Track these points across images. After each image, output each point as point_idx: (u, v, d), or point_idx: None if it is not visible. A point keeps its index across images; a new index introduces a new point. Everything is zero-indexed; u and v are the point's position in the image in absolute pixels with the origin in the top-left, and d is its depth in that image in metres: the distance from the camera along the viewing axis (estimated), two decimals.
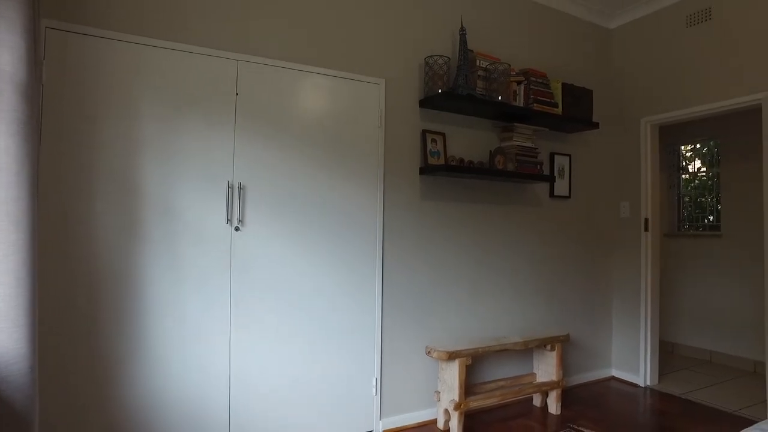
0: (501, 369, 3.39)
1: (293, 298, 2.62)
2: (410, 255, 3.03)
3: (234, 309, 2.46)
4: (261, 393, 2.53)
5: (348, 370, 2.79)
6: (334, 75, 2.77)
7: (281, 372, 2.59)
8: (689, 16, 3.64)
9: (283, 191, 2.60)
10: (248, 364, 2.50)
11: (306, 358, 2.66)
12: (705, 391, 3.78)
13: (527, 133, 3.29)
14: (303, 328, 2.65)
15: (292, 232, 2.62)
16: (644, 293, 3.87)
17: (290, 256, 2.62)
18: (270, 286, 2.56)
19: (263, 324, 2.54)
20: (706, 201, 5.22)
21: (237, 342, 2.46)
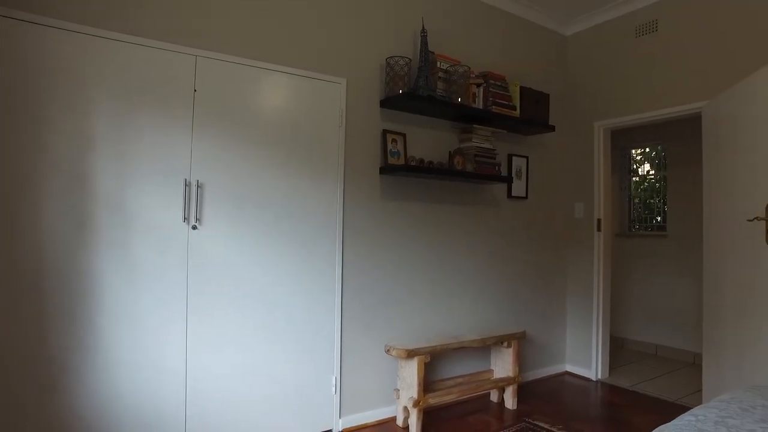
0: (460, 366, 3.45)
1: (252, 297, 2.59)
2: (370, 254, 3.04)
3: (191, 309, 2.41)
4: (218, 393, 2.49)
5: (307, 368, 2.78)
6: (296, 73, 2.75)
7: (239, 372, 2.56)
8: (638, 27, 3.81)
9: (242, 190, 2.57)
10: (205, 365, 2.46)
11: (265, 357, 2.63)
12: (650, 382, 3.97)
13: (486, 134, 3.36)
14: (262, 328, 2.63)
15: (251, 231, 2.59)
16: (596, 291, 4.02)
17: (249, 255, 2.59)
18: (228, 285, 2.52)
19: (221, 324, 2.50)
20: (654, 203, 5.47)
21: (194, 342, 2.42)
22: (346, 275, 2.93)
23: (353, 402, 2.96)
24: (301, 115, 2.77)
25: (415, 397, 2.83)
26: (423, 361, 2.86)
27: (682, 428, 1.54)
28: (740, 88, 2.90)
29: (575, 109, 4.26)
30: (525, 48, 3.97)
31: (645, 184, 5.59)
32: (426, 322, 3.30)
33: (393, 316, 3.14)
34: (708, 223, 3.30)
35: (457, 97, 3.13)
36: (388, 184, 3.12)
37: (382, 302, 3.10)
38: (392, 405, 3.11)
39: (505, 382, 3.29)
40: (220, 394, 2.50)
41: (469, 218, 3.54)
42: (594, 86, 4.12)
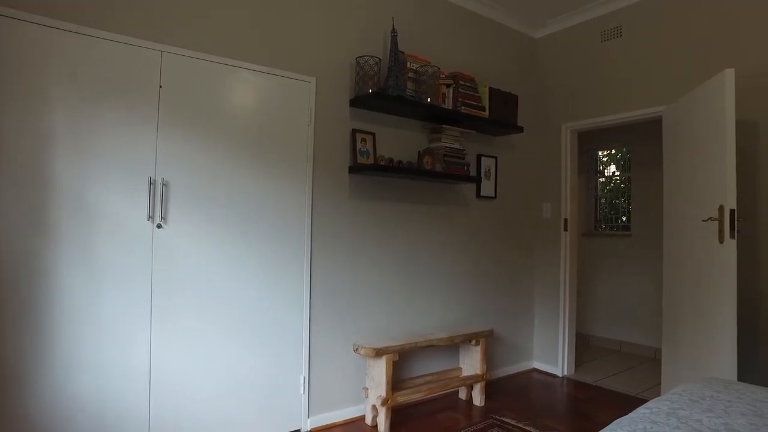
0: (428, 364, 3.48)
1: (219, 296, 2.57)
2: (339, 253, 3.05)
3: (156, 309, 2.37)
4: (184, 395, 2.46)
5: (275, 368, 2.77)
6: (264, 71, 2.73)
7: (205, 373, 2.53)
8: (603, 32, 3.91)
9: (209, 188, 2.54)
10: (171, 366, 2.42)
11: (232, 357, 2.61)
12: (613, 377, 4.08)
13: (455, 134, 3.40)
14: (229, 328, 2.60)
15: (218, 230, 2.56)
16: (563, 290, 4.11)
17: (216, 254, 2.56)
18: (194, 284, 2.49)
19: (187, 324, 2.47)
20: (620, 203, 5.62)
21: (159, 343, 2.38)
22: (314, 275, 2.93)
23: (322, 401, 2.96)
24: (269, 114, 2.76)
25: (384, 396, 2.85)
26: (391, 359, 2.88)
27: (637, 421, 1.59)
28: (696, 93, 3.01)
29: (543, 110, 4.34)
30: (495, 50, 4.03)
31: (611, 185, 5.73)
32: (395, 321, 3.32)
33: (362, 316, 3.15)
34: (667, 223, 3.41)
35: (426, 98, 3.15)
36: (357, 183, 3.13)
37: (351, 301, 3.10)
38: (361, 404, 3.12)
39: (473, 379, 3.33)
40: (186, 396, 2.46)
41: (438, 218, 3.58)
42: (562, 88, 4.20)
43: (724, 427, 1.51)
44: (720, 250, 2.71)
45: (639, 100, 3.66)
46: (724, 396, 1.81)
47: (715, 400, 1.76)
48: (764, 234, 3.00)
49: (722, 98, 2.70)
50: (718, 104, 2.75)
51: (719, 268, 2.72)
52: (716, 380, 2.04)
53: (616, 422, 1.60)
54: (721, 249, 2.69)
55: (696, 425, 1.54)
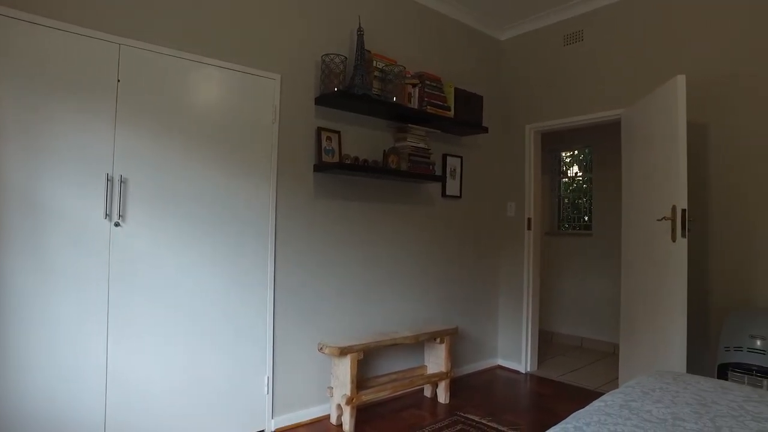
0: (393, 363, 3.49)
1: (180, 297, 2.51)
2: (304, 252, 3.03)
3: (113, 308, 2.30)
4: (143, 397, 2.40)
5: (239, 369, 2.73)
6: (228, 67, 2.69)
7: (166, 375, 2.47)
8: (566, 36, 4.00)
9: (170, 186, 2.48)
10: (129, 367, 2.36)
11: (193, 359, 2.56)
12: (575, 373, 4.19)
13: (421, 134, 3.43)
14: (190, 328, 2.55)
15: (179, 229, 2.51)
16: (526, 287, 4.19)
17: (178, 253, 2.51)
18: (154, 284, 2.43)
19: (146, 325, 2.41)
20: (582, 203, 5.77)
21: (116, 343, 2.31)
22: (278, 274, 2.90)
23: (286, 401, 2.94)
24: (233, 111, 2.72)
25: (348, 395, 2.85)
26: (356, 358, 2.88)
27: (592, 413, 1.64)
28: (651, 97, 3.12)
29: (508, 111, 4.41)
30: (461, 50, 4.08)
31: (573, 185, 5.88)
32: (360, 320, 3.32)
33: (327, 315, 3.14)
34: (625, 222, 3.52)
35: (392, 97, 3.17)
36: (322, 182, 3.11)
37: (316, 301, 3.09)
38: (326, 403, 3.11)
39: (437, 377, 3.36)
40: (145, 398, 2.40)
41: (403, 217, 3.60)
42: (526, 90, 4.29)
43: (670, 417, 1.58)
44: (673, 249, 2.81)
45: (600, 102, 3.77)
46: (673, 387, 1.88)
47: (665, 391, 1.83)
48: (714, 233, 3.14)
49: (674, 103, 2.80)
50: (670, 108, 2.86)
51: (672, 265, 2.82)
52: (667, 373, 2.12)
53: (572, 416, 1.65)
54: (674, 247, 2.80)
55: (646, 416, 1.59)
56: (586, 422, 1.55)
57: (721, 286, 3.09)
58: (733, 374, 2.60)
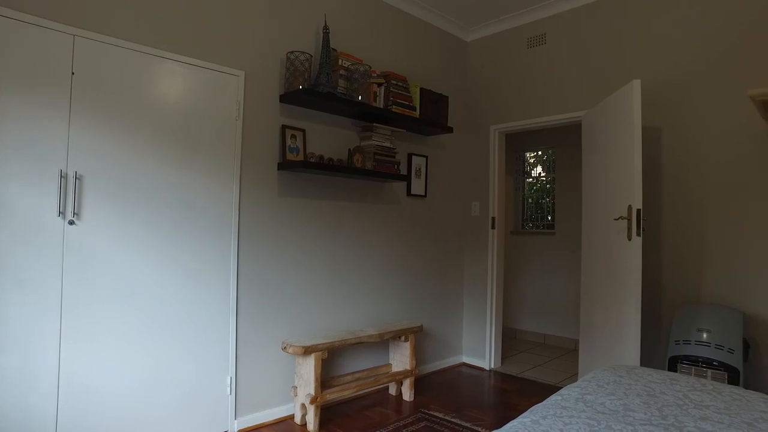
0: (359, 361, 3.50)
1: (139, 297, 2.45)
2: (268, 251, 3.00)
3: (67, 311, 2.23)
4: (99, 403, 2.33)
5: (200, 370, 2.69)
6: (190, 63, 2.64)
7: (124, 378, 2.40)
8: (529, 39, 4.09)
9: (128, 183, 2.42)
10: (83, 372, 2.28)
11: (153, 361, 2.50)
12: (537, 369, 4.29)
13: (386, 133, 3.44)
14: (149, 329, 2.49)
15: (139, 227, 2.45)
16: (490, 285, 4.26)
17: (137, 251, 2.44)
18: (111, 284, 2.36)
19: (103, 326, 2.34)
20: (546, 202, 5.90)
21: (70, 346, 2.24)
22: (242, 273, 2.87)
23: (250, 401, 2.91)
24: (195, 107, 2.67)
25: (313, 394, 2.84)
26: (320, 357, 2.87)
27: (549, 407, 1.69)
28: (609, 100, 3.22)
29: (473, 112, 4.47)
30: (427, 50, 4.11)
31: (537, 185, 6.00)
32: (325, 319, 3.31)
33: (291, 314, 3.12)
34: (585, 221, 3.62)
35: (357, 96, 3.17)
36: (286, 180, 3.09)
37: (280, 300, 3.06)
38: (290, 403, 3.09)
39: (402, 375, 3.38)
40: (100, 403, 2.33)
41: (369, 216, 3.60)
42: (490, 91, 4.36)
43: (622, 408, 1.63)
44: (628, 247, 2.91)
45: (562, 104, 3.86)
46: (626, 380, 1.95)
47: (618, 384, 1.90)
48: (667, 232, 3.26)
49: (630, 106, 2.90)
50: (626, 111, 2.96)
51: (627, 263, 2.92)
52: (621, 367, 2.19)
53: (530, 410, 1.69)
54: (629, 245, 2.90)
55: (600, 408, 1.65)
56: (543, 415, 1.59)
57: (673, 283, 3.22)
58: (682, 366, 2.71)
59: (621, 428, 1.46)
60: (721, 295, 3.02)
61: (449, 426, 2.97)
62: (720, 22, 3.08)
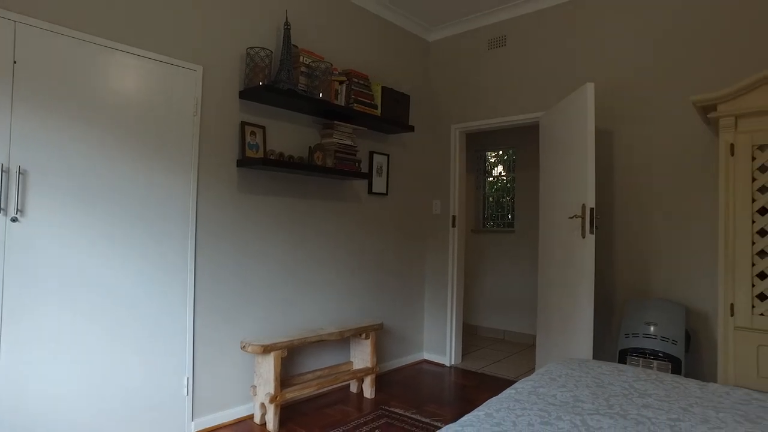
0: (319, 359, 3.49)
1: (90, 297, 2.37)
2: (228, 249, 2.95)
3: (7, 314, 2.13)
4: (44, 410, 2.23)
5: (156, 371, 2.62)
6: (145, 56, 2.57)
7: (72, 383, 2.31)
8: (490, 41, 4.16)
9: (78, 179, 2.33)
10: (26, 378, 2.18)
11: (105, 363, 2.42)
12: (496, 364, 4.38)
13: (347, 131, 3.44)
14: (101, 331, 2.41)
15: (89, 225, 2.37)
16: (451, 283, 4.32)
17: (87, 250, 2.36)
18: (58, 283, 2.27)
19: (49, 329, 2.24)
20: (506, 201, 6.02)
21: (10, 352, 2.14)
22: (200, 271, 2.81)
23: (208, 402, 2.85)
24: (151, 101, 2.59)
25: (272, 393, 2.81)
26: (280, 356, 2.85)
27: (503, 400, 1.73)
28: (565, 102, 3.31)
29: (434, 111, 4.52)
30: (389, 49, 4.13)
31: (498, 185, 6.12)
32: (286, 318, 3.28)
33: (251, 312, 3.08)
34: (542, 219, 3.71)
35: (318, 93, 3.15)
36: (246, 177, 3.05)
37: (240, 298, 3.02)
38: (250, 402, 3.06)
39: (363, 372, 3.39)
40: (46, 410, 2.24)
41: (330, 213, 3.59)
42: (452, 91, 4.41)
43: (572, 399, 1.69)
44: (582, 244, 3.01)
45: (521, 105, 3.95)
46: (577, 373, 2.02)
47: (569, 377, 1.96)
48: (618, 230, 3.39)
49: (584, 108, 3.00)
50: (580, 113, 3.05)
51: (581, 260, 3.02)
52: (573, 360, 2.27)
53: (485, 403, 1.72)
54: (583, 243, 2.99)
55: (551, 399, 1.70)
56: (497, 409, 1.63)
57: (624, 278, 3.35)
58: (631, 358, 2.82)
59: (570, 418, 1.51)
60: (666, 289, 3.16)
61: (409, 422, 3.00)
62: (666, 32, 3.21)
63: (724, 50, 2.99)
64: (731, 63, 2.96)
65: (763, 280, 2.35)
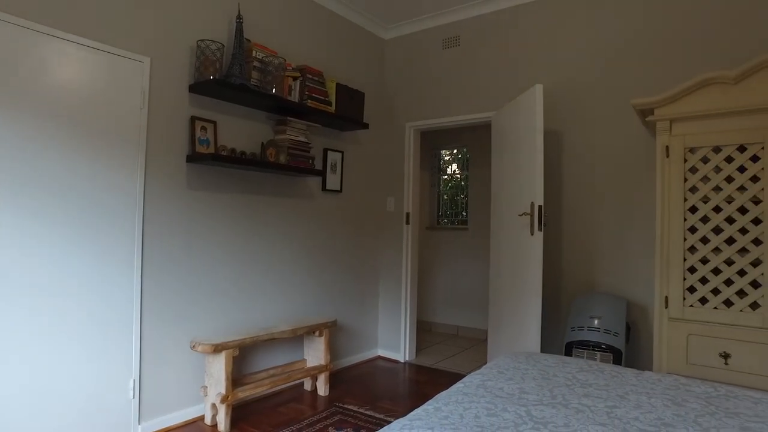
0: (272, 358, 3.45)
1: (29, 298, 2.25)
2: (177, 246, 2.87)
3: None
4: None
5: (100, 374, 2.52)
6: (87, 45, 2.45)
7: (9, 388, 2.19)
8: (445, 40, 4.22)
9: (14, 173, 2.20)
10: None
11: (43, 368, 2.31)
12: (450, 359, 4.46)
13: (301, 127, 3.41)
14: (41, 333, 2.29)
15: (28, 222, 2.24)
16: (405, 279, 4.37)
17: (26, 249, 2.23)
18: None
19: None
20: (460, 199, 6.13)
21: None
22: (147, 270, 2.72)
23: (156, 404, 2.77)
24: (93, 93, 2.49)
25: (224, 393, 2.76)
26: (231, 355, 2.80)
27: (452, 394, 1.77)
28: (515, 102, 3.41)
29: (389, 109, 4.55)
30: (344, 46, 4.12)
31: (452, 183, 6.23)
32: (239, 316, 3.23)
33: (203, 311, 3.01)
34: (494, 217, 3.81)
35: (271, 88, 3.11)
36: (196, 173, 2.97)
37: (191, 297, 2.95)
38: (201, 403, 2.99)
39: (317, 370, 3.38)
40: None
41: (283, 210, 3.56)
42: (407, 89, 4.45)
43: (518, 391, 1.75)
44: (531, 241, 3.11)
45: (474, 105, 4.03)
46: (524, 366, 2.09)
47: (516, 370, 2.03)
48: (566, 227, 3.52)
49: (533, 109, 3.09)
50: (530, 114, 3.15)
51: (530, 256, 3.12)
52: (521, 353, 2.34)
53: (435, 398, 1.76)
54: (532, 240, 3.09)
55: (498, 392, 1.76)
56: (445, 402, 1.66)
57: (572, 274, 3.48)
58: (576, 350, 2.94)
59: (515, 410, 1.57)
60: (610, 284, 3.32)
61: (363, 418, 3.02)
62: (612, 37, 3.36)
63: (665, 57, 3.15)
64: (671, 69, 3.13)
65: (693, 274, 2.50)
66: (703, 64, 2.99)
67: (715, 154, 2.47)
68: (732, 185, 2.42)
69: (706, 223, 2.48)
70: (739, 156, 2.41)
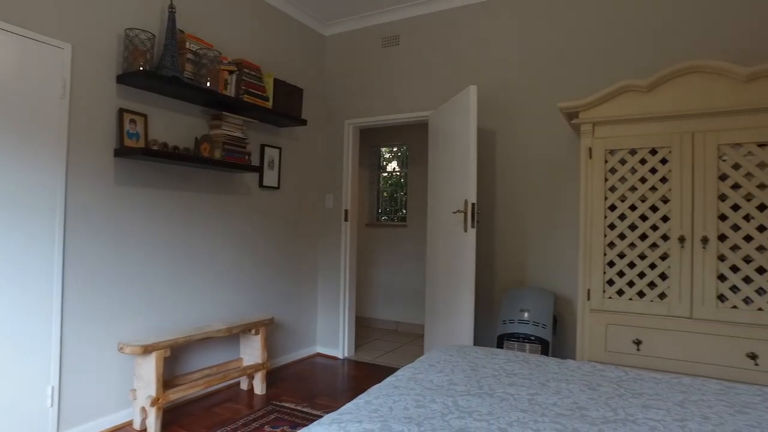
0: (207, 357, 3.37)
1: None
2: (104, 244, 2.74)
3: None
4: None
5: (12, 383, 2.36)
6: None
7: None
8: (384, 39, 4.26)
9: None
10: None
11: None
12: (388, 355, 4.52)
13: (237, 123, 3.34)
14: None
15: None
16: (343, 276, 4.38)
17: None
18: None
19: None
20: (400, 196, 6.21)
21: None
22: (70, 269, 2.58)
23: (78, 411, 2.64)
24: (7, 80, 2.32)
25: (154, 395, 2.67)
26: (162, 356, 2.71)
27: (383, 387, 1.80)
28: (450, 102, 3.50)
29: (328, 105, 4.54)
30: (283, 41, 4.06)
31: (392, 180, 6.30)
32: (171, 315, 3.13)
33: (132, 311, 2.89)
34: (430, 214, 3.90)
35: (206, 82, 3.03)
36: (125, 168, 2.85)
37: (119, 297, 2.82)
38: (130, 408, 2.88)
39: (253, 368, 3.34)
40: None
41: (219, 207, 3.48)
42: (346, 86, 4.46)
43: (447, 383, 1.82)
44: (464, 238, 3.21)
45: (412, 103, 4.10)
46: (455, 359, 2.16)
47: (447, 362, 2.10)
48: (499, 224, 3.66)
49: (467, 109, 3.19)
50: (464, 113, 3.25)
51: (464, 252, 3.22)
52: (452, 347, 2.42)
53: (366, 392, 1.79)
54: (465, 236, 3.20)
55: (428, 384, 1.81)
56: (376, 396, 1.70)
57: (504, 269, 3.63)
58: (507, 342, 3.08)
59: (443, 400, 1.62)
60: (538, 278, 3.49)
61: (300, 415, 3.01)
62: (544, 41, 3.52)
63: (592, 64, 3.35)
64: (596, 75, 3.32)
65: (612, 267, 2.69)
66: (626, 71, 3.20)
67: (632, 156, 2.66)
68: (645, 185, 2.61)
69: (623, 220, 2.67)
70: (651, 158, 2.60)
